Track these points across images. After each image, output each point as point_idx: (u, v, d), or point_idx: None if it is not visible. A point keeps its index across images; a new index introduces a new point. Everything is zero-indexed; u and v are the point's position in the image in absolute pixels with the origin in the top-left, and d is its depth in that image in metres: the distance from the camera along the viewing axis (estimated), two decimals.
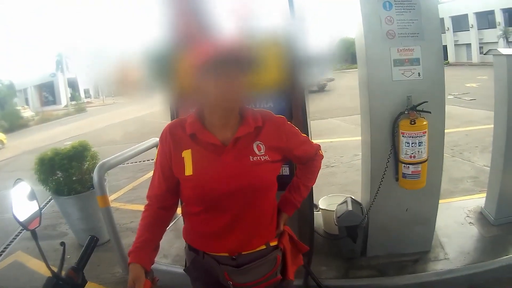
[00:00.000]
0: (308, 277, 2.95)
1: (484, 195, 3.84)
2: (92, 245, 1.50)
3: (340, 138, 8.69)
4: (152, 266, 1.52)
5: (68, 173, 4.29)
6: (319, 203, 3.84)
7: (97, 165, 3.40)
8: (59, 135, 19.35)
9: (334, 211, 3.37)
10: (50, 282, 1.32)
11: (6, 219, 5.16)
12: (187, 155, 1.48)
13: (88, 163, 4.49)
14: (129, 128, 17.17)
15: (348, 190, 5.29)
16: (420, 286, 2.98)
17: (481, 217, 3.71)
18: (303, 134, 1.69)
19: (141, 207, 1.63)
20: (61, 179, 4.33)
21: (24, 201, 1.43)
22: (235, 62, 1.35)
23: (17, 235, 5.05)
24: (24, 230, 1.77)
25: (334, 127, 10.50)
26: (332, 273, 3.16)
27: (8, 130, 26.08)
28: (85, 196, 4.33)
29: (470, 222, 3.65)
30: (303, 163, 1.77)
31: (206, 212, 1.52)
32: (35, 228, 1.43)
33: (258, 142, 1.51)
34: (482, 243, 3.35)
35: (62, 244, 1.47)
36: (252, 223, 1.53)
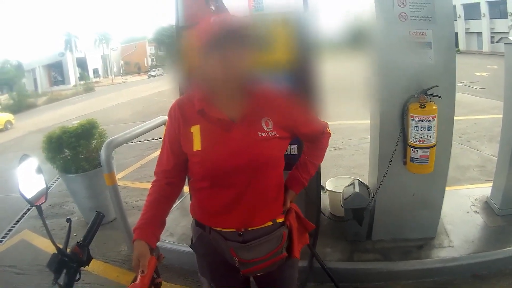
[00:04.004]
0: (313, 258, 2.97)
1: (490, 184, 3.81)
2: (98, 222, 1.49)
3: (348, 120, 8.62)
4: (158, 243, 1.51)
5: (76, 151, 4.30)
6: (326, 185, 3.83)
7: (105, 143, 3.42)
8: (68, 114, 19.47)
9: (341, 193, 3.37)
10: (55, 258, 1.32)
11: (13, 198, 5.21)
12: (195, 130, 1.48)
13: (96, 141, 4.49)
14: (137, 107, 17.23)
15: (355, 173, 5.30)
16: (424, 272, 2.99)
17: (486, 207, 3.70)
18: (311, 112, 1.67)
19: (149, 185, 1.62)
20: (69, 157, 4.35)
21: (31, 177, 1.41)
22: (242, 39, 1.34)
23: (24, 214, 5.08)
24: (31, 209, 1.76)
25: (343, 109, 10.37)
26: (336, 255, 3.18)
27: (17, 111, 26.34)
28: (93, 174, 4.35)
29: (475, 211, 3.64)
30: (310, 140, 1.76)
31: (213, 187, 1.52)
32: (41, 204, 1.41)
33: (266, 118, 1.49)
34: (486, 233, 3.35)
35: (68, 220, 1.47)
36: (258, 198, 1.53)
